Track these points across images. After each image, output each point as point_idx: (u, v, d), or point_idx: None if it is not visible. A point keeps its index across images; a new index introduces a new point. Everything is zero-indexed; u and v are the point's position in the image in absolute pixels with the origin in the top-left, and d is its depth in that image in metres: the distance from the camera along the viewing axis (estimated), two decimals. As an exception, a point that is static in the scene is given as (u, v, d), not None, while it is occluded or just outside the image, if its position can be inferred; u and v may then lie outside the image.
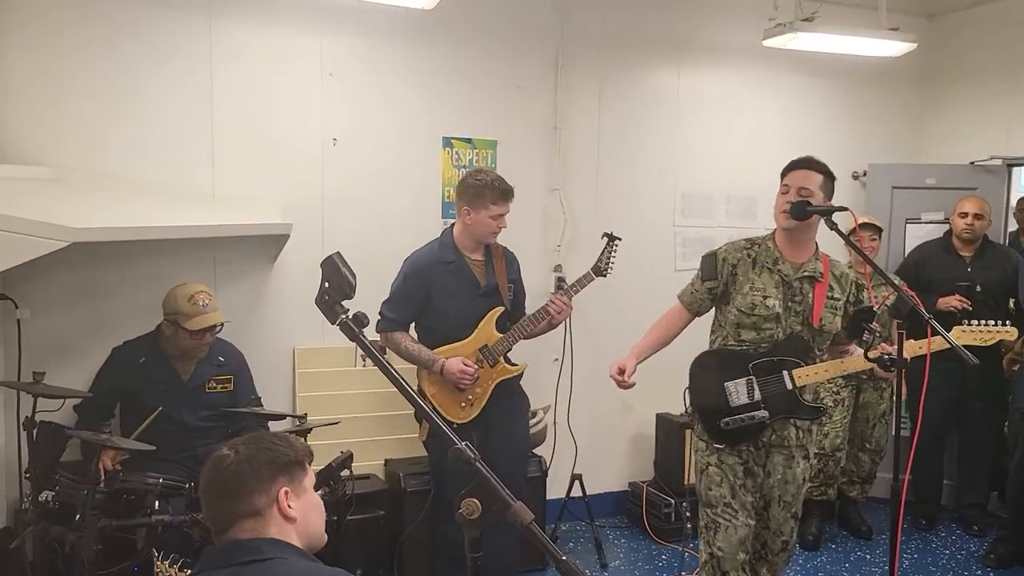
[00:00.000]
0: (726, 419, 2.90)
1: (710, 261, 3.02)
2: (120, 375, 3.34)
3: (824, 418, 4.30)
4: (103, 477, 2.95)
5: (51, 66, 3.52)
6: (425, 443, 3.55)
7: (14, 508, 3.41)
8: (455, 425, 3.34)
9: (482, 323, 3.43)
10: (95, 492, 2.74)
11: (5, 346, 3.41)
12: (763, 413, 2.88)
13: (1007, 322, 2.98)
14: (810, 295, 2.92)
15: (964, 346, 2.60)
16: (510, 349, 3.47)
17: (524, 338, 3.50)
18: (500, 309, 3.46)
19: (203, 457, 1.65)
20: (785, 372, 2.88)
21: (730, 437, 2.93)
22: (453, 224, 3.51)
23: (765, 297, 2.90)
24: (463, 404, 3.41)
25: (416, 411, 3.43)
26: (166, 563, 2.21)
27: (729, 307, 2.97)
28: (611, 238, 3.62)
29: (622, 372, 3.01)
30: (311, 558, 1.58)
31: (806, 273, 2.93)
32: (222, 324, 3.34)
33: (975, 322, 3.06)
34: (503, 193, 3.36)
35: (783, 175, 2.95)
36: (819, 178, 2.89)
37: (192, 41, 3.75)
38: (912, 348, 2.71)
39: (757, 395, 2.90)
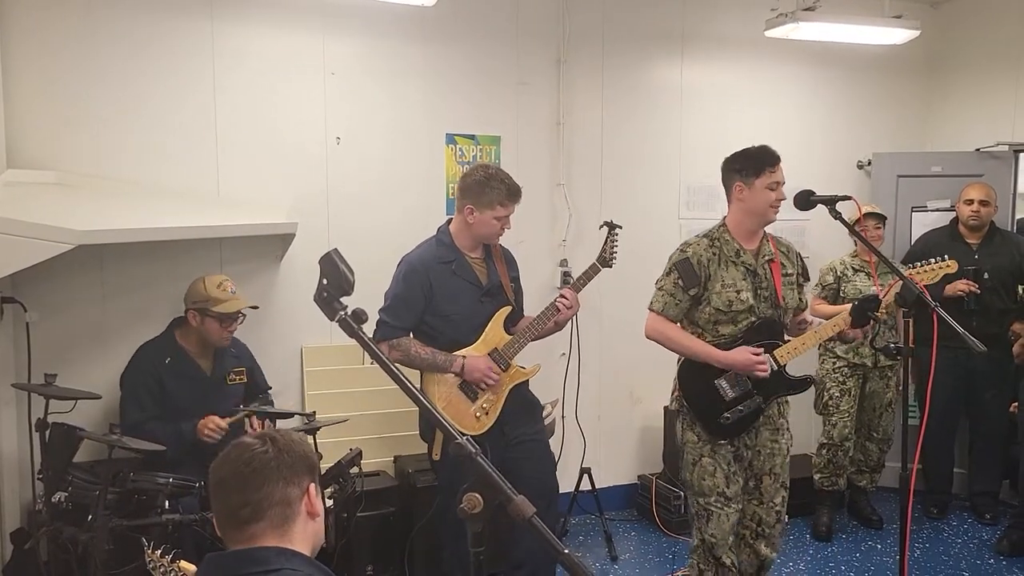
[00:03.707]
0: (725, 414, 2.95)
1: (687, 267, 2.95)
2: (148, 376, 3.33)
3: (825, 393, 4.43)
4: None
5: (58, 73, 3.55)
6: (435, 465, 3.27)
7: (28, 509, 3.44)
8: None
9: (490, 325, 3.21)
10: (107, 492, 2.77)
11: (15, 349, 3.44)
12: (758, 399, 2.96)
13: (945, 257, 3.27)
14: (771, 277, 2.99)
15: (970, 332, 2.59)
16: (519, 352, 3.26)
17: (534, 339, 3.31)
18: (508, 309, 3.26)
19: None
20: (768, 356, 2.94)
21: (731, 430, 2.98)
22: (450, 221, 3.30)
23: (738, 292, 2.94)
24: (477, 414, 3.18)
25: (421, 430, 3.42)
26: (157, 552, 2.20)
27: (703, 307, 2.98)
28: (611, 226, 3.44)
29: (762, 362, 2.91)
30: (319, 566, 1.53)
31: (767, 257, 3.00)
32: (244, 315, 3.39)
33: (918, 263, 3.30)
34: (511, 193, 3.12)
35: (771, 166, 2.91)
36: None
37: (195, 44, 3.77)
38: (925, 277, 3.08)
39: (748, 384, 2.96)
